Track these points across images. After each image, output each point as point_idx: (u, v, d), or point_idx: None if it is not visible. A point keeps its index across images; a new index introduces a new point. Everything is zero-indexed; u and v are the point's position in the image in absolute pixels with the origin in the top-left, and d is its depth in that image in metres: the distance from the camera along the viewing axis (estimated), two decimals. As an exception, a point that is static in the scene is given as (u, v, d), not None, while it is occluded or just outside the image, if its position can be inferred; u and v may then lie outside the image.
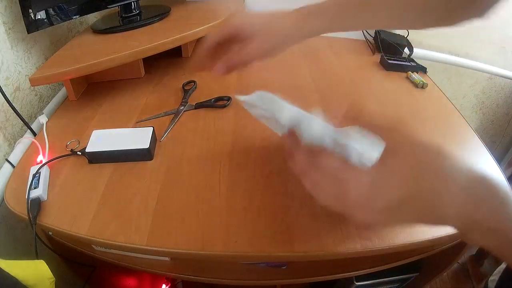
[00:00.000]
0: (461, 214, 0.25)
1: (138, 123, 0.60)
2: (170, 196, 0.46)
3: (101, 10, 0.74)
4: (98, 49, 0.65)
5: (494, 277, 0.61)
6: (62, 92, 0.70)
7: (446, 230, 0.43)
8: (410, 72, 0.77)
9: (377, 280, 0.65)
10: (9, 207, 0.46)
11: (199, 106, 0.64)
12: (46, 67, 0.60)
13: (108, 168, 0.51)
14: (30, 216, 0.43)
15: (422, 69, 0.80)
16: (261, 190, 0.47)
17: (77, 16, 0.71)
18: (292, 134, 0.33)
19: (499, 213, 0.25)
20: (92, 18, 0.86)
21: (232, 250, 0.40)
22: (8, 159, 0.53)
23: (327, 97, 0.68)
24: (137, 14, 0.78)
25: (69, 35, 0.80)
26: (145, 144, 0.51)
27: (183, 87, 0.70)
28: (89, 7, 0.71)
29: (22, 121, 0.60)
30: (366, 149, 0.28)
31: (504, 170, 0.53)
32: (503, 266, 0.56)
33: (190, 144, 0.55)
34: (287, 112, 0.34)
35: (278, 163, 0.51)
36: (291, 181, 0.48)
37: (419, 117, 0.64)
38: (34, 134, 0.60)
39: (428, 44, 1.10)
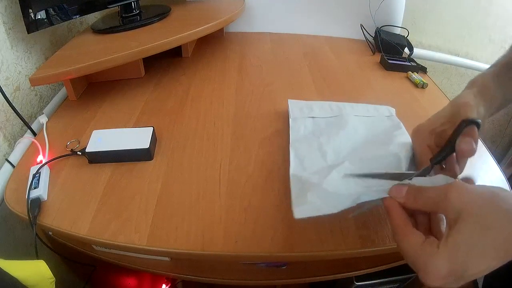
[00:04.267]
0: None
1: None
2: (170, 196, 0.46)
3: (101, 10, 0.74)
4: (98, 49, 0.64)
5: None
6: (62, 92, 0.70)
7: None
8: (410, 72, 0.78)
9: (377, 280, 0.65)
10: (9, 207, 0.46)
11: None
12: (46, 67, 0.60)
13: (108, 168, 0.51)
14: (30, 216, 0.43)
15: (422, 69, 0.80)
16: (261, 190, 0.47)
17: (77, 16, 0.71)
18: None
19: None
20: (92, 18, 0.86)
21: (232, 250, 0.40)
22: (8, 159, 0.53)
23: (327, 96, 0.68)
24: (137, 14, 0.78)
25: (69, 35, 0.80)
26: (145, 144, 0.51)
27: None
28: (89, 7, 0.71)
29: (22, 121, 0.60)
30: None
31: (504, 170, 0.52)
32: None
33: (190, 144, 0.55)
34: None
35: (278, 163, 0.51)
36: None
37: (419, 117, 0.64)
38: (34, 134, 0.60)
39: (428, 44, 1.10)
